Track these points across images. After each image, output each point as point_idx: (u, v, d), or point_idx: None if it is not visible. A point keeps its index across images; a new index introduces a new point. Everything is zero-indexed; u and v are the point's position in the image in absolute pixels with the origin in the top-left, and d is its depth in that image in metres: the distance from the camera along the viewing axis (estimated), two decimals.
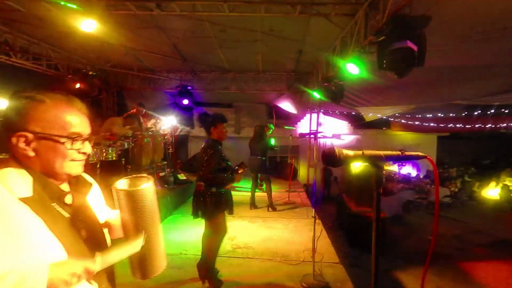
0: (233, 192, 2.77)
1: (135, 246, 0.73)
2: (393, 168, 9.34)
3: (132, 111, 5.65)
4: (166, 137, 6.07)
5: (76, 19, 3.51)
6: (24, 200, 0.67)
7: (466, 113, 7.74)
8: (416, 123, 8.84)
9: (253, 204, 5.13)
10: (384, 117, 8.31)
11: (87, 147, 0.80)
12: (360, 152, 0.75)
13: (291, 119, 9.35)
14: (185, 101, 6.55)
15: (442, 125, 8.87)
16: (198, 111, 6.76)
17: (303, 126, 9.09)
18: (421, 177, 9.83)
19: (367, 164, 0.73)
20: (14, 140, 0.71)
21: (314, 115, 7.19)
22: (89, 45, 5.20)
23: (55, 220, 0.71)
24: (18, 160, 0.73)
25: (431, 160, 0.82)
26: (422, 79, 4.46)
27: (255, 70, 6.78)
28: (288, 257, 3.21)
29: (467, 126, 8.45)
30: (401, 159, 0.80)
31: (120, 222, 0.81)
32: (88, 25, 3.55)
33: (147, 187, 0.73)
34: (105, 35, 4.41)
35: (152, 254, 0.78)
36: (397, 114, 7.89)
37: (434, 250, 0.77)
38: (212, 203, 2.46)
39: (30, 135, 0.71)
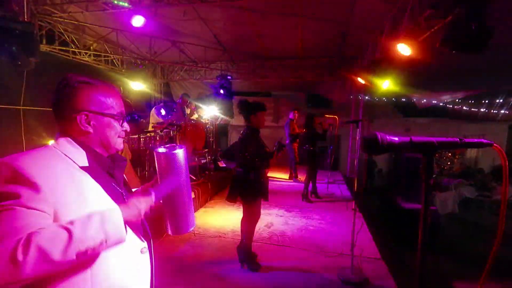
0: (270, 181, 2.79)
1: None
2: None
3: (177, 101, 6.00)
4: (207, 126, 6.32)
5: (128, 17, 3.80)
6: (84, 168, 0.79)
7: None
8: (482, 110, 7.70)
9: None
10: (441, 104, 7.40)
11: (127, 126, 0.94)
12: (408, 139, 0.64)
13: (332, 107, 8.93)
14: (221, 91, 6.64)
15: None
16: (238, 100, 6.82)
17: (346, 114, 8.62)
18: (485, 172, 8.62)
19: (416, 153, 0.63)
20: (78, 118, 0.81)
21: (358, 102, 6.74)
22: (140, 40, 5.61)
23: (108, 188, 0.83)
24: (72, 136, 0.83)
25: (498, 148, 0.66)
26: (494, 57, 3.82)
27: (294, 57, 6.58)
28: (324, 249, 3.15)
29: None
30: (459, 147, 0.67)
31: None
32: (138, 21, 3.83)
33: (180, 151, 0.90)
34: (152, 30, 4.70)
35: (183, 209, 0.92)
36: (457, 100, 6.96)
37: (496, 255, 0.66)
38: (249, 189, 2.53)
39: (91, 114, 0.83)
